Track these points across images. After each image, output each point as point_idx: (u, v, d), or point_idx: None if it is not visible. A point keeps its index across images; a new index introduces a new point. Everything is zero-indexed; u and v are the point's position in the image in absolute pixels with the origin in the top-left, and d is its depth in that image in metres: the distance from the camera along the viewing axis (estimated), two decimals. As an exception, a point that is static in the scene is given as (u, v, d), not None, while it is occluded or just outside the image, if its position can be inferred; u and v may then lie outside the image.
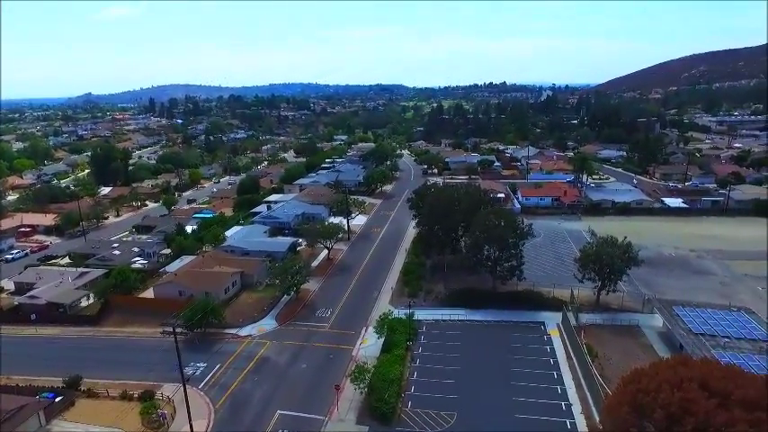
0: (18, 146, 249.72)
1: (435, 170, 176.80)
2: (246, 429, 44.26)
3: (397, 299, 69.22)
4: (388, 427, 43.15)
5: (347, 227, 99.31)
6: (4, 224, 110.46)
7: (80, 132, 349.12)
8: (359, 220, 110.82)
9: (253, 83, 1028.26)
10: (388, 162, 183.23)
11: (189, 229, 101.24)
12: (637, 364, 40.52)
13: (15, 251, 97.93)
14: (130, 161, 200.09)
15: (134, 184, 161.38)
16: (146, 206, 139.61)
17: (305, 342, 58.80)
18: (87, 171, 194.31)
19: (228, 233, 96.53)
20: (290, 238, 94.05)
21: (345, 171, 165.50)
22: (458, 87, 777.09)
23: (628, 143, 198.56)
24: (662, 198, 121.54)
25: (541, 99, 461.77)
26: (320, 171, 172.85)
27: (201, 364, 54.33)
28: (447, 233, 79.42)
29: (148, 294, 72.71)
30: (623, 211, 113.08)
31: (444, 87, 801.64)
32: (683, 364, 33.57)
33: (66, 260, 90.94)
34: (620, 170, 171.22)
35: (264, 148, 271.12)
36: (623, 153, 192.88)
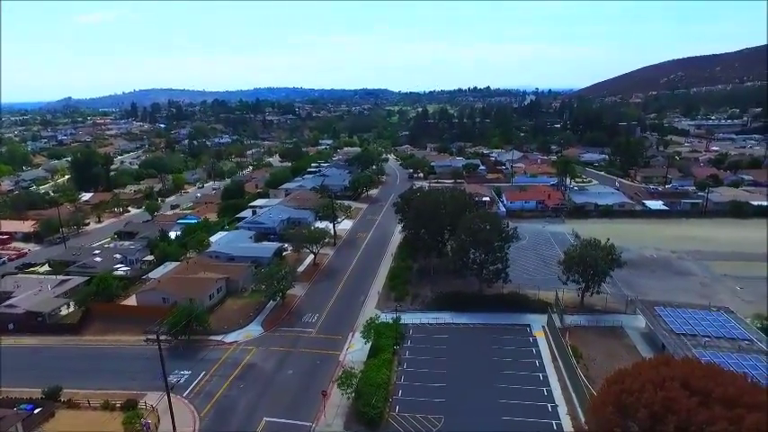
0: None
1: (421, 174, 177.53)
2: (232, 437, 43.67)
3: (384, 303, 69.16)
4: (376, 431, 42.99)
5: (333, 232, 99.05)
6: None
7: (60, 137, 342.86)
8: (345, 225, 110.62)
9: (237, 87, 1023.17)
10: (374, 166, 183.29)
11: (173, 234, 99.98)
12: (620, 364, 41.11)
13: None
14: (112, 166, 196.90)
15: (116, 190, 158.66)
16: (128, 212, 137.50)
17: (291, 348, 58.34)
18: (67, 177, 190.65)
19: (213, 239, 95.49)
20: (275, 244, 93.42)
21: (331, 176, 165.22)
22: (442, 92, 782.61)
23: (610, 147, 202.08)
24: (643, 201, 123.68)
25: (525, 103, 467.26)
26: (306, 176, 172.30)
27: (186, 372, 53.53)
28: (433, 237, 79.73)
29: (131, 302, 71.45)
30: (606, 214, 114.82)
31: (429, 92, 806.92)
32: (665, 364, 34.12)
33: (46, 268, 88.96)
34: (602, 173, 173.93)
35: (249, 152, 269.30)
36: (605, 156, 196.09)
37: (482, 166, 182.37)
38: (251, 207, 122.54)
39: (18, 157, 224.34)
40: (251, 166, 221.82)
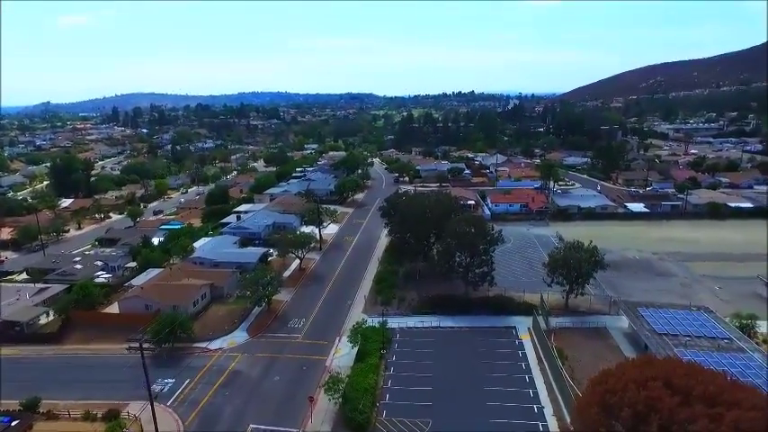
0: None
1: (406, 178, 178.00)
2: (218, 446, 43.11)
3: (371, 307, 69.04)
4: (363, 437, 42.83)
5: (319, 236, 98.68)
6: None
7: (38, 142, 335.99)
8: (331, 230, 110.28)
9: (221, 91, 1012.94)
10: (360, 171, 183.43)
11: (155, 241, 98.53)
12: (605, 364, 41.58)
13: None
14: (93, 172, 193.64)
15: (97, 196, 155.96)
16: (109, 218, 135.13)
17: (277, 354, 57.85)
18: (46, 183, 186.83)
19: (197, 244, 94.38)
20: (260, 249, 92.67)
21: (316, 180, 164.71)
22: (427, 96, 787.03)
23: (592, 150, 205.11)
24: (625, 203, 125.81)
25: (509, 108, 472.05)
26: (291, 180, 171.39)
27: (170, 380, 52.67)
28: (419, 241, 79.99)
29: (113, 309, 70.11)
30: (589, 217, 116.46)
31: (414, 96, 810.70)
32: (647, 364, 34.71)
33: (24, 276, 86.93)
34: (584, 176, 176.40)
35: (233, 157, 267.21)
36: (587, 160, 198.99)
37: (467, 170, 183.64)
38: (235, 212, 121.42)
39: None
40: (235, 171, 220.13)
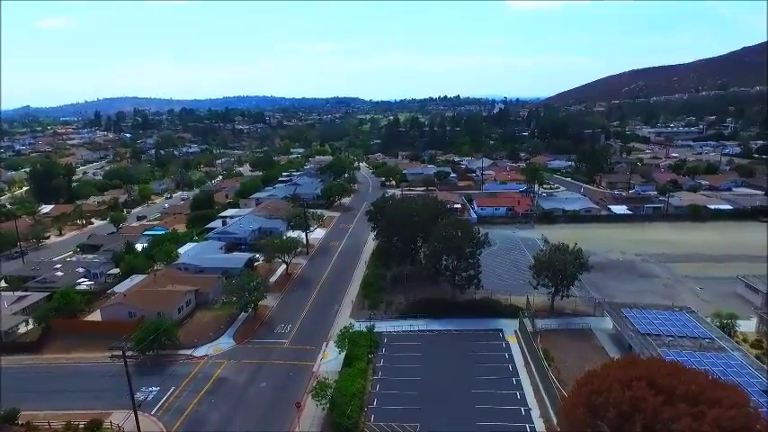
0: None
1: (393, 182, 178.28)
2: (203, 454, 42.47)
3: (358, 312, 68.83)
4: (351, 442, 42.59)
5: (306, 241, 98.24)
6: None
7: (17, 147, 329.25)
8: (318, 234, 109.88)
9: (206, 95, 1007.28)
10: (346, 175, 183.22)
11: (139, 246, 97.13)
12: (590, 365, 42.05)
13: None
14: (74, 177, 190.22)
15: (78, 202, 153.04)
16: (91, 224, 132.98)
17: (264, 360, 57.32)
18: (26, 188, 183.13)
19: (182, 250, 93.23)
20: (246, 254, 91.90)
21: (303, 184, 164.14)
22: (413, 100, 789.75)
23: (575, 154, 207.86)
24: (608, 206, 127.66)
25: (494, 112, 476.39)
26: (277, 185, 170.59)
27: (154, 389, 51.80)
28: (406, 244, 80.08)
29: (95, 317, 68.85)
30: (573, 219, 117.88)
31: (400, 101, 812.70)
32: (631, 364, 35.14)
33: (2, 284, 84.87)
34: (569, 179, 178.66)
35: (219, 162, 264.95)
36: (572, 163, 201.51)
37: (453, 174, 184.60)
38: (221, 217, 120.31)
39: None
40: (221, 176, 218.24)
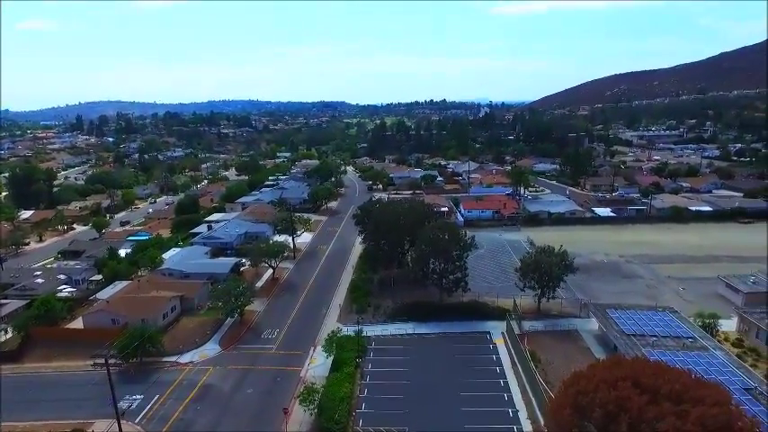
0: None
1: (380, 186, 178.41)
2: (189, 463, 41.81)
3: (346, 316, 68.56)
4: (340, 447, 42.31)
5: (292, 245, 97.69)
6: None
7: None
8: (304, 238, 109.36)
9: (190, 99, 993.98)
10: (333, 179, 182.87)
11: (122, 252, 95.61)
12: (576, 366, 42.40)
13: None
14: (55, 182, 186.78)
15: (59, 207, 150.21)
16: (73, 230, 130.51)
17: (250, 366, 56.72)
18: (5, 193, 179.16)
19: (166, 255, 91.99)
20: (232, 259, 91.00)
21: (289, 188, 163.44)
22: (399, 104, 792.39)
23: (560, 157, 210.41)
24: (592, 208, 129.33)
25: (480, 116, 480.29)
26: (263, 189, 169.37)
27: (138, 396, 50.86)
28: (393, 248, 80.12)
29: (77, 325, 67.48)
30: (558, 221, 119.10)
31: (386, 104, 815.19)
32: (617, 364, 35.48)
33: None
34: (554, 182, 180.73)
35: (204, 166, 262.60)
36: (556, 166, 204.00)
37: (439, 177, 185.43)
38: (206, 222, 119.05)
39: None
40: (206, 180, 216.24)
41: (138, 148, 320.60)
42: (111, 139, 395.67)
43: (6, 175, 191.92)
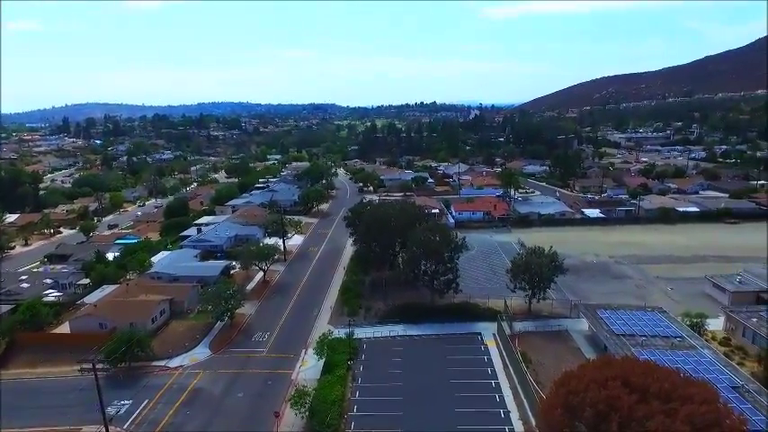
0: None
1: (371, 188, 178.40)
2: (179, 468, 41.33)
3: (337, 318, 68.35)
4: (331, 450, 42.09)
5: (283, 247, 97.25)
6: None
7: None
8: (295, 240, 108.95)
9: (180, 101, 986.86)
10: (324, 181, 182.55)
11: (110, 256, 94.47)
12: (567, 366, 42.58)
13: None
14: (41, 185, 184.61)
15: (46, 210, 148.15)
16: (60, 233, 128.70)
17: (241, 369, 56.29)
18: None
19: (155, 259, 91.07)
20: (222, 262, 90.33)
21: (280, 191, 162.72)
22: (390, 107, 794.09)
23: (550, 159, 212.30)
24: (582, 209, 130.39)
25: (470, 118, 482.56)
26: (254, 191, 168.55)
27: (127, 402, 50.22)
28: (384, 249, 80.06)
29: (64, 329, 66.43)
30: (548, 223, 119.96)
31: (377, 107, 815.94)
32: (607, 364, 35.76)
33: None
34: (543, 184, 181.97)
35: (193, 168, 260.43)
36: (546, 168, 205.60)
37: (430, 179, 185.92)
38: (196, 225, 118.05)
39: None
40: (195, 183, 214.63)
41: (127, 150, 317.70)
42: (99, 142, 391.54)
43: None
